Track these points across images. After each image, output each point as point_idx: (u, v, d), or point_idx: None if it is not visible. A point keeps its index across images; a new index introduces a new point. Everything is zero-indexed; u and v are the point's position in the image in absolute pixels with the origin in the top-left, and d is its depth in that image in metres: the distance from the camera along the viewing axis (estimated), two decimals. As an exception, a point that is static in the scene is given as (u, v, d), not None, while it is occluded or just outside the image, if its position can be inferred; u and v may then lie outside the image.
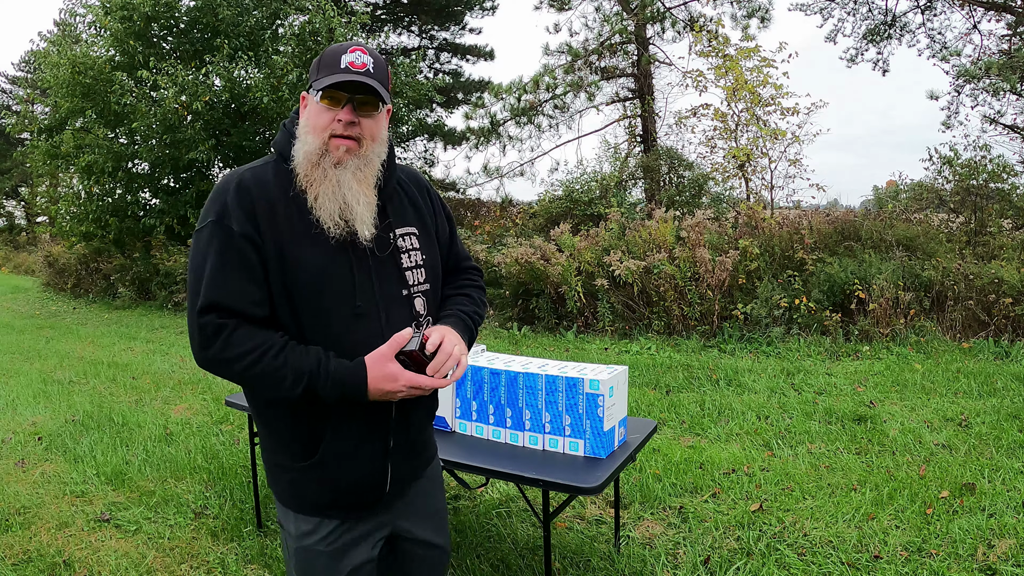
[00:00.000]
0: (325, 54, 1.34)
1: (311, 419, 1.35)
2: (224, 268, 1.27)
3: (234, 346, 1.25)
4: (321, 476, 1.38)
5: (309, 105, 1.35)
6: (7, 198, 29.64)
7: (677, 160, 11.32)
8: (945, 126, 10.76)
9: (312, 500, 1.41)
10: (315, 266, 1.31)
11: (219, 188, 1.33)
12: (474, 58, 18.98)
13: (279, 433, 1.39)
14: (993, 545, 2.65)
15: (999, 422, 4.08)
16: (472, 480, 3.26)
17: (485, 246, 9.31)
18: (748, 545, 2.74)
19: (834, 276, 6.66)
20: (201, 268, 1.28)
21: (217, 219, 1.28)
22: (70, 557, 2.80)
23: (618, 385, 2.31)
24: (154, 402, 5.27)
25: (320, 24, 11.28)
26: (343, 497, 1.41)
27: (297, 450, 1.38)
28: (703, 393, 5.06)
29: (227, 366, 1.27)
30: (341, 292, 1.33)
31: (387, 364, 1.30)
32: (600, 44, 12.99)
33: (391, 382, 1.30)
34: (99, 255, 13.63)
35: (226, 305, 1.26)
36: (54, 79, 11.24)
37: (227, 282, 1.26)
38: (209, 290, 1.26)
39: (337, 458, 1.38)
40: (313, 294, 1.31)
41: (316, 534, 1.42)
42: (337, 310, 1.33)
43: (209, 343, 1.26)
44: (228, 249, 1.27)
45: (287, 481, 1.41)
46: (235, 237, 1.27)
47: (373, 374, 1.30)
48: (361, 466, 1.40)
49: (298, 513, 1.42)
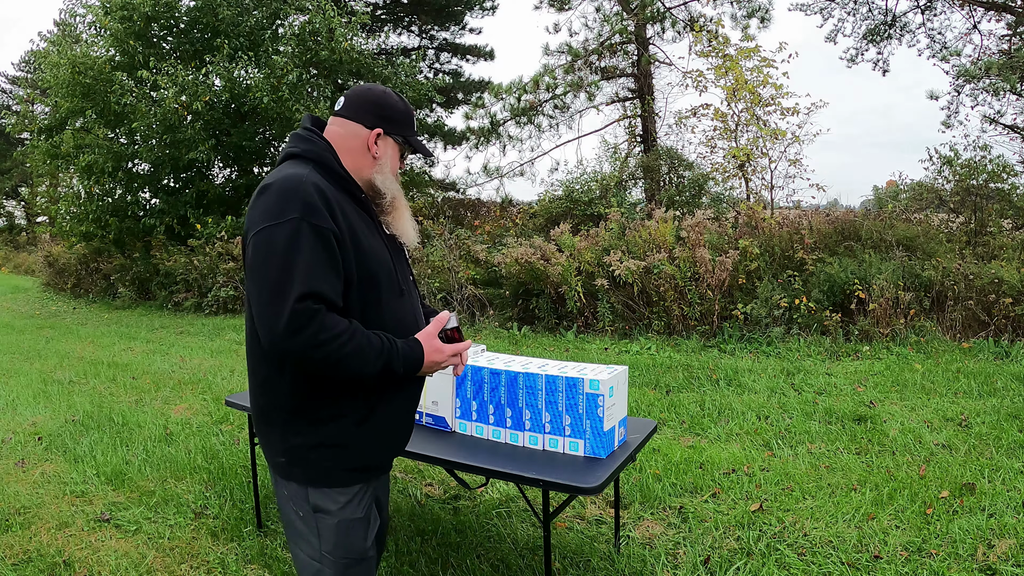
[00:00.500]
0: (405, 111, 1.70)
1: (371, 387, 1.56)
2: (318, 260, 1.42)
3: (328, 329, 1.40)
4: (375, 435, 1.60)
5: (390, 148, 1.68)
6: (7, 198, 29.64)
7: (677, 160, 11.32)
8: (945, 126, 10.76)
9: (356, 465, 1.59)
10: (377, 253, 1.56)
11: (288, 188, 1.46)
12: (474, 58, 18.98)
13: (338, 405, 1.54)
14: (993, 545, 2.65)
15: (999, 422, 4.08)
16: (472, 480, 3.26)
17: (485, 246, 9.31)
18: (748, 545, 2.74)
19: (834, 276, 6.66)
20: (291, 258, 1.40)
21: (302, 216, 1.42)
22: (70, 557, 2.80)
23: (618, 385, 2.31)
24: (154, 402, 5.26)
25: (320, 24, 11.27)
26: (384, 455, 1.66)
27: (357, 418, 1.56)
28: (703, 393, 5.06)
29: (320, 348, 1.39)
30: (391, 274, 1.60)
31: (434, 340, 1.59)
32: (600, 44, 12.98)
33: (439, 354, 1.59)
34: (99, 255, 13.63)
35: (320, 293, 1.41)
36: (54, 79, 11.24)
37: (321, 273, 1.42)
38: (307, 280, 1.39)
39: (388, 418, 1.62)
40: (376, 276, 1.55)
41: (353, 503, 1.60)
42: (389, 289, 1.59)
43: (304, 328, 1.38)
44: (318, 244, 1.42)
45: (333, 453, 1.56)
46: (324, 233, 1.43)
47: (427, 349, 1.57)
48: (404, 423, 1.68)
49: (337, 487, 1.58)
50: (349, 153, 1.61)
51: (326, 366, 1.43)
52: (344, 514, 1.59)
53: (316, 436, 1.55)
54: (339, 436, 1.55)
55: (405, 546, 2.80)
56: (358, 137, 1.63)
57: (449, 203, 14.29)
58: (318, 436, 1.55)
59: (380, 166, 1.65)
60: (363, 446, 1.59)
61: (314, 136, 1.60)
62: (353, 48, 11.77)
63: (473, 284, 8.71)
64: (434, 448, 2.37)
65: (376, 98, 1.65)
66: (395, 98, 1.68)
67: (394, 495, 3.37)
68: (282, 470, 1.60)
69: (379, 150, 1.64)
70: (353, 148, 1.62)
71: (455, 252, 9.20)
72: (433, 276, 9.09)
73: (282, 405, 1.54)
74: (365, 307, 1.53)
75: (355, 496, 1.61)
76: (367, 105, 1.64)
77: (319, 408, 1.53)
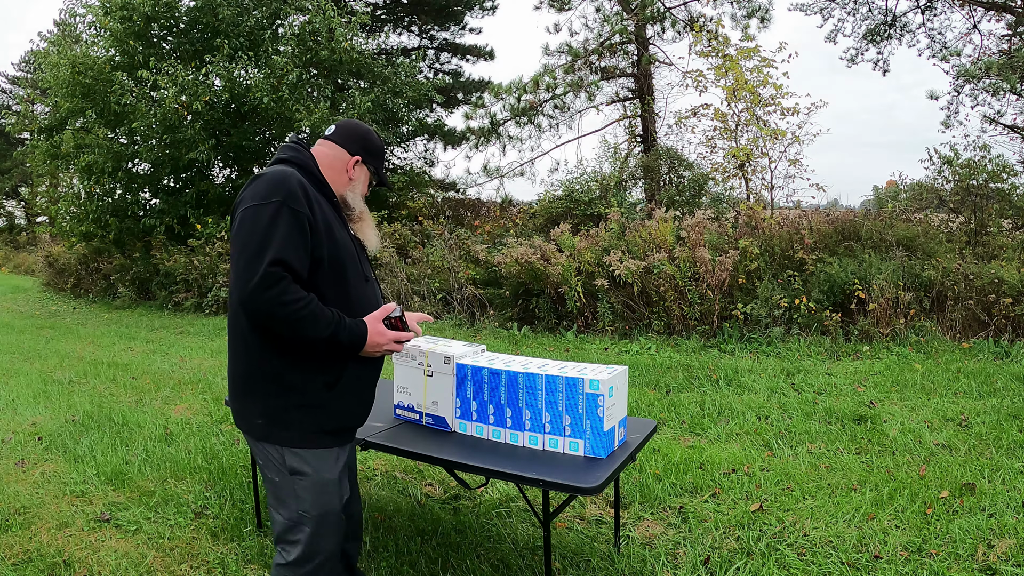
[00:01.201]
0: (381, 148, 2.10)
1: (338, 357, 1.83)
2: (291, 236, 1.71)
3: (291, 292, 1.69)
4: (340, 402, 1.86)
5: (363, 174, 2.07)
6: (7, 198, 29.63)
7: (677, 160, 11.31)
8: (945, 126, 10.76)
9: (326, 427, 1.84)
10: (345, 244, 1.89)
11: (276, 179, 1.76)
12: (474, 58, 18.96)
13: (313, 368, 1.81)
14: (993, 545, 2.65)
15: (999, 422, 4.08)
16: (472, 480, 3.26)
17: (485, 246, 9.30)
18: (748, 545, 2.74)
19: (834, 276, 6.66)
20: (270, 231, 1.69)
21: (283, 200, 1.72)
22: (70, 557, 2.80)
23: (618, 385, 2.31)
24: (154, 402, 5.26)
25: (320, 24, 11.27)
26: (351, 420, 1.92)
27: (329, 380, 1.82)
28: (703, 393, 5.06)
29: (282, 307, 1.67)
30: (356, 263, 1.91)
31: (378, 324, 1.87)
32: (600, 44, 12.98)
33: (381, 336, 1.86)
34: (99, 255, 13.62)
35: (289, 262, 1.69)
36: (54, 79, 11.23)
37: (293, 247, 1.71)
38: (280, 249, 1.68)
39: (353, 385, 1.88)
40: (343, 262, 1.85)
41: (327, 464, 1.85)
42: (354, 274, 1.90)
43: (271, 287, 1.66)
44: (294, 224, 1.72)
45: (305, 415, 1.80)
46: (300, 217, 1.73)
47: (371, 330, 1.84)
48: (368, 389, 1.95)
49: (315, 448, 1.83)
50: (330, 169, 1.97)
51: (286, 324, 1.70)
52: (319, 476, 1.83)
53: (292, 399, 1.80)
54: (314, 398, 1.81)
55: (405, 546, 2.80)
56: (340, 160, 2.00)
57: (449, 203, 14.28)
58: (294, 399, 1.80)
59: (353, 186, 2.02)
60: (336, 408, 1.85)
61: (300, 148, 1.94)
62: (353, 48, 11.77)
63: (473, 284, 8.70)
64: (434, 448, 2.37)
65: (362, 133, 2.05)
66: (376, 137, 2.08)
67: (394, 495, 3.37)
68: (260, 432, 1.83)
69: (355, 173, 2.02)
70: (334, 167, 1.98)
71: (455, 252, 9.20)
72: (433, 276, 9.09)
73: (259, 369, 1.80)
74: (335, 284, 1.83)
75: (328, 459, 1.85)
76: (353, 136, 2.02)
77: (291, 373, 1.79)
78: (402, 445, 2.39)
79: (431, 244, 9.83)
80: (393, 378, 2.73)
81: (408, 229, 11.00)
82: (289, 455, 1.81)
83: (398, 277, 9.25)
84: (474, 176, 14.04)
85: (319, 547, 1.85)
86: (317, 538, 1.85)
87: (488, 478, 2.81)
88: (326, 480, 1.84)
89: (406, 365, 2.64)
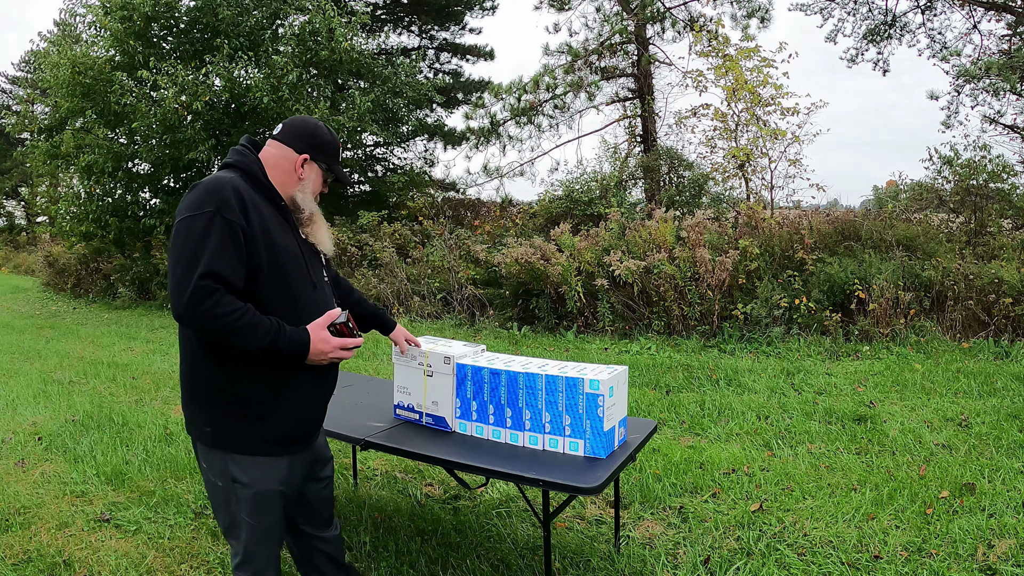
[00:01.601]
0: (332, 143, 1.97)
1: (279, 368, 1.79)
2: (224, 247, 1.67)
3: (223, 305, 1.65)
4: (285, 413, 1.82)
5: (314, 172, 1.96)
6: (7, 198, 29.61)
7: (677, 160, 11.31)
8: (945, 126, 10.76)
9: (271, 438, 1.82)
10: (289, 249, 1.83)
11: (211, 188, 1.72)
12: (474, 58, 18.94)
13: (255, 380, 1.78)
14: (993, 545, 2.65)
15: (999, 422, 4.07)
16: (472, 480, 3.26)
17: (485, 246, 9.30)
18: (748, 545, 2.74)
19: (834, 276, 6.66)
20: (202, 243, 1.65)
21: (216, 210, 1.68)
22: (70, 557, 2.80)
23: (618, 385, 2.31)
24: (154, 402, 5.26)
25: (320, 24, 11.26)
26: (296, 431, 1.87)
27: (271, 392, 1.80)
28: (703, 393, 5.06)
29: (215, 320, 1.64)
30: (301, 269, 1.86)
31: (322, 331, 1.81)
32: (600, 44, 12.97)
33: (325, 344, 1.80)
34: (99, 255, 13.61)
35: (220, 274, 1.65)
36: (54, 79, 11.22)
37: (224, 258, 1.66)
38: (210, 262, 1.64)
39: (299, 397, 1.85)
40: (285, 267, 1.80)
41: (270, 474, 1.83)
42: (299, 280, 1.84)
43: (203, 301, 1.63)
44: (226, 234, 1.68)
45: (249, 425, 1.79)
46: (233, 225, 1.69)
47: (314, 338, 1.79)
48: (314, 404, 1.91)
49: (253, 456, 1.81)
50: (277, 170, 1.90)
51: (221, 336, 1.69)
52: (259, 486, 1.82)
53: (235, 409, 1.79)
54: (256, 410, 1.79)
55: (405, 546, 2.80)
56: (287, 159, 1.91)
57: (449, 203, 14.27)
58: (237, 409, 1.79)
59: (303, 186, 1.93)
60: (279, 419, 1.82)
61: (246, 151, 1.90)
62: (353, 48, 11.76)
63: (473, 284, 8.70)
64: (434, 448, 2.37)
65: (309, 129, 1.94)
66: (325, 132, 1.96)
67: (394, 495, 3.37)
68: (208, 439, 1.83)
69: (304, 172, 1.93)
70: (281, 167, 1.90)
71: (455, 252, 9.20)
72: (433, 276, 9.09)
73: (206, 380, 1.79)
74: (277, 292, 1.79)
75: (271, 469, 1.84)
76: (299, 133, 1.92)
77: (233, 383, 1.78)
78: (402, 445, 2.39)
79: (431, 244, 9.83)
80: (393, 378, 2.73)
81: (408, 229, 11.00)
82: (231, 463, 1.82)
83: (398, 277, 9.25)
84: (474, 176, 14.04)
85: (255, 554, 1.89)
86: (253, 544, 1.88)
87: (488, 478, 2.81)
88: (265, 491, 1.83)
89: (406, 365, 2.64)
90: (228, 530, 1.92)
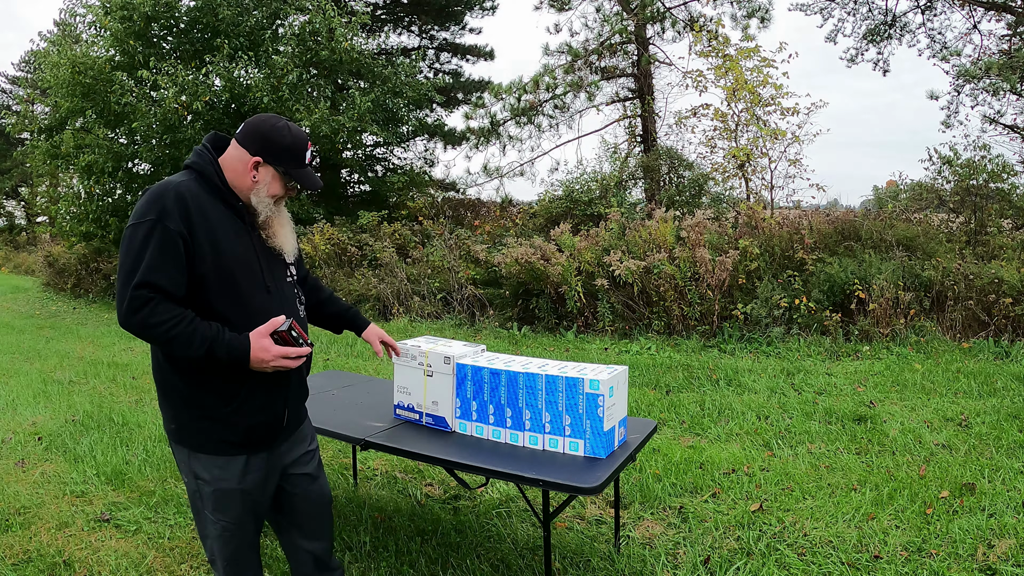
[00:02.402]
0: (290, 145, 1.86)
1: (234, 373, 1.79)
2: (160, 256, 1.67)
3: (158, 314, 1.66)
4: (239, 417, 1.83)
5: (269, 175, 1.86)
6: (7, 198, 29.61)
7: (677, 160, 11.31)
8: (945, 126, 10.76)
9: (229, 439, 1.83)
10: (239, 254, 1.80)
11: (155, 194, 1.73)
12: (474, 58, 18.94)
13: (208, 384, 1.80)
14: (993, 545, 2.65)
15: (999, 422, 4.08)
16: (472, 480, 3.26)
17: (485, 246, 9.30)
18: (748, 545, 2.74)
19: (834, 276, 6.66)
20: (140, 253, 1.67)
21: (157, 218, 1.68)
22: (70, 557, 2.80)
23: (618, 385, 2.31)
24: (154, 402, 5.26)
25: (320, 24, 11.27)
26: (254, 433, 1.87)
27: (224, 396, 1.81)
28: (703, 393, 5.06)
29: (150, 329, 1.67)
30: (253, 273, 1.83)
31: (263, 339, 1.77)
32: (600, 44, 12.97)
33: (265, 352, 1.76)
34: (99, 255, 13.61)
35: (156, 283, 1.66)
36: (54, 79, 11.23)
37: (161, 267, 1.67)
38: (145, 271, 1.65)
39: (252, 402, 1.84)
40: (233, 272, 1.78)
41: (228, 472, 1.85)
42: (250, 285, 1.81)
43: (138, 310, 1.65)
44: (165, 242, 1.68)
45: (207, 425, 1.82)
46: (171, 234, 1.68)
47: (254, 346, 1.75)
48: (268, 408, 1.88)
49: (212, 455, 1.84)
50: (233, 171, 1.86)
51: (159, 344, 1.73)
52: (218, 484, 1.86)
53: (193, 410, 1.82)
54: (213, 411, 1.82)
55: (405, 546, 2.80)
56: (242, 161, 1.86)
57: (449, 203, 14.26)
58: (195, 411, 1.82)
59: (257, 189, 1.87)
60: (236, 422, 1.83)
61: (204, 152, 1.87)
62: (353, 48, 11.77)
63: (473, 284, 8.70)
64: (434, 448, 2.37)
65: (265, 131, 1.85)
66: (283, 133, 1.85)
67: (394, 495, 3.37)
68: (174, 435, 1.88)
69: (258, 175, 1.86)
70: (237, 169, 1.86)
71: (455, 252, 9.20)
72: (433, 276, 9.09)
73: (168, 381, 1.84)
74: (228, 298, 1.78)
75: (229, 466, 1.86)
76: (254, 135, 1.85)
77: (189, 386, 1.81)
78: (402, 445, 2.39)
79: (431, 244, 9.83)
80: (393, 378, 2.73)
81: (408, 229, 11.00)
82: (194, 460, 1.86)
83: (398, 277, 9.25)
84: (474, 176, 14.03)
85: (219, 552, 1.93)
86: (218, 542, 1.91)
87: (488, 478, 2.81)
88: (226, 489, 1.86)
89: (406, 365, 2.64)
90: (200, 531, 1.96)
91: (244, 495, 1.89)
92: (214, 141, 1.92)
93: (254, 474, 1.90)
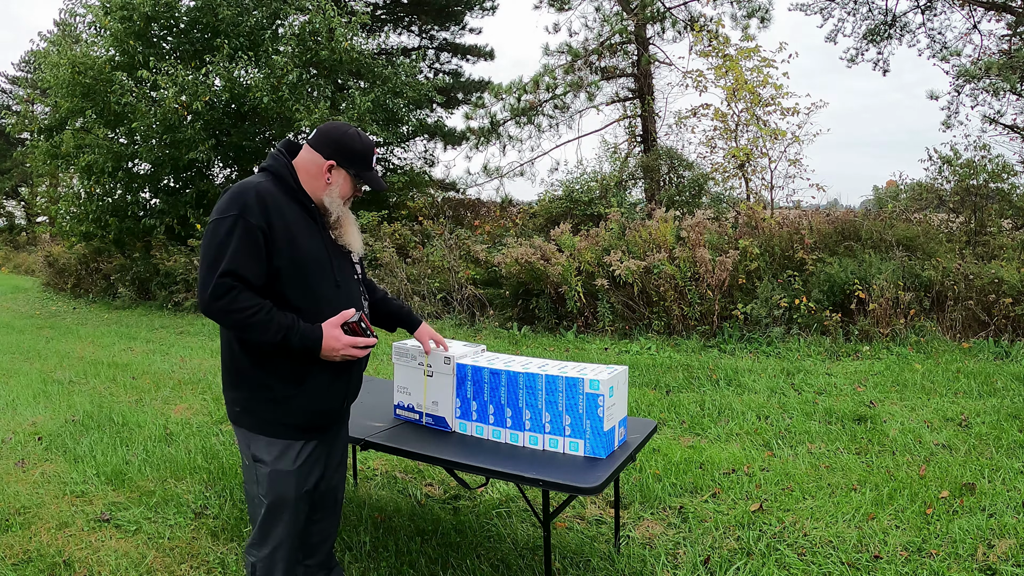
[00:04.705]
0: (361, 150, 2.02)
1: (303, 359, 1.93)
2: (242, 248, 1.82)
3: (240, 301, 1.81)
4: (303, 400, 1.96)
5: (342, 178, 2.02)
6: (7, 198, 29.61)
7: (677, 160, 11.31)
8: (945, 126, 10.75)
9: (291, 422, 1.96)
10: (312, 251, 1.95)
11: (237, 192, 1.87)
12: (474, 58, 18.94)
13: (278, 369, 1.93)
14: (993, 545, 2.65)
15: (999, 422, 4.08)
16: (472, 480, 3.26)
17: (485, 246, 9.30)
18: (748, 545, 2.74)
19: (834, 276, 6.66)
20: (224, 245, 1.81)
21: (240, 213, 1.83)
22: (70, 557, 2.80)
23: (618, 385, 2.31)
24: (154, 402, 5.26)
25: (320, 24, 11.26)
26: (315, 418, 2.00)
27: (291, 380, 1.94)
28: (703, 393, 5.06)
29: (232, 315, 1.81)
30: (324, 269, 1.97)
31: (335, 329, 1.93)
32: (600, 44, 12.97)
33: (336, 341, 1.92)
34: (99, 255, 13.61)
35: (239, 273, 1.81)
36: (54, 79, 11.22)
37: (243, 258, 1.82)
38: (229, 262, 1.80)
39: (317, 387, 1.98)
40: (307, 267, 1.93)
41: (286, 456, 1.97)
42: (321, 279, 1.96)
43: (221, 297, 1.80)
44: (247, 235, 1.82)
45: (272, 408, 1.94)
46: (253, 228, 1.83)
47: (326, 335, 1.91)
48: (331, 395, 2.03)
49: (272, 438, 1.96)
50: (307, 174, 2.00)
51: (237, 329, 1.87)
52: (276, 465, 1.96)
53: (261, 392, 1.95)
54: (276, 393, 1.94)
55: (405, 546, 2.80)
56: (316, 164, 2.00)
57: (449, 203, 14.26)
58: (262, 393, 1.95)
59: (330, 190, 2.02)
60: (298, 405, 1.96)
61: (280, 156, 2.01)
62: (353, 48, 11.76)
63: (473, 284, 8.70)
64: (434, 448, 2.37)
65: (337, 137, 2.01)
66: (355, 139, 2.02)
67: (394, 495, 3.37)
68: (236, 417, 2.00)
69: (331, 178, 2.01)
70: (310, 172, 2.00)
71: (455, 252, 9.19)
72: (433, 276, 9.08)
73: (238, 366, 1.97)
74: (300, 290, 1.92)
75: (287, 450, 1.97)
76: (327, 140, 2.00)
77: (258, 370, 1.94)
78: (402, 445, 2.39)
79: (431, 244, 9.83)
80: (393, 378, 2.73)
81: (408, 229, 10.99)
82: (253, 442, 1.97)
83: (398, 277, 9.25)
84: (474, 176, 14.03)
85: (271, 532, 2.00)
86: (269, 524, 2.00)
87: (488, 478, 2.81)
88: (281, 470, 1.96)
89: (406, 365, 2.64)
90: (250, 512, 2.07)
91: (298, 479, 1.99)
92: (288, 146, 2.05)
93: (308, 461, 2.01)
